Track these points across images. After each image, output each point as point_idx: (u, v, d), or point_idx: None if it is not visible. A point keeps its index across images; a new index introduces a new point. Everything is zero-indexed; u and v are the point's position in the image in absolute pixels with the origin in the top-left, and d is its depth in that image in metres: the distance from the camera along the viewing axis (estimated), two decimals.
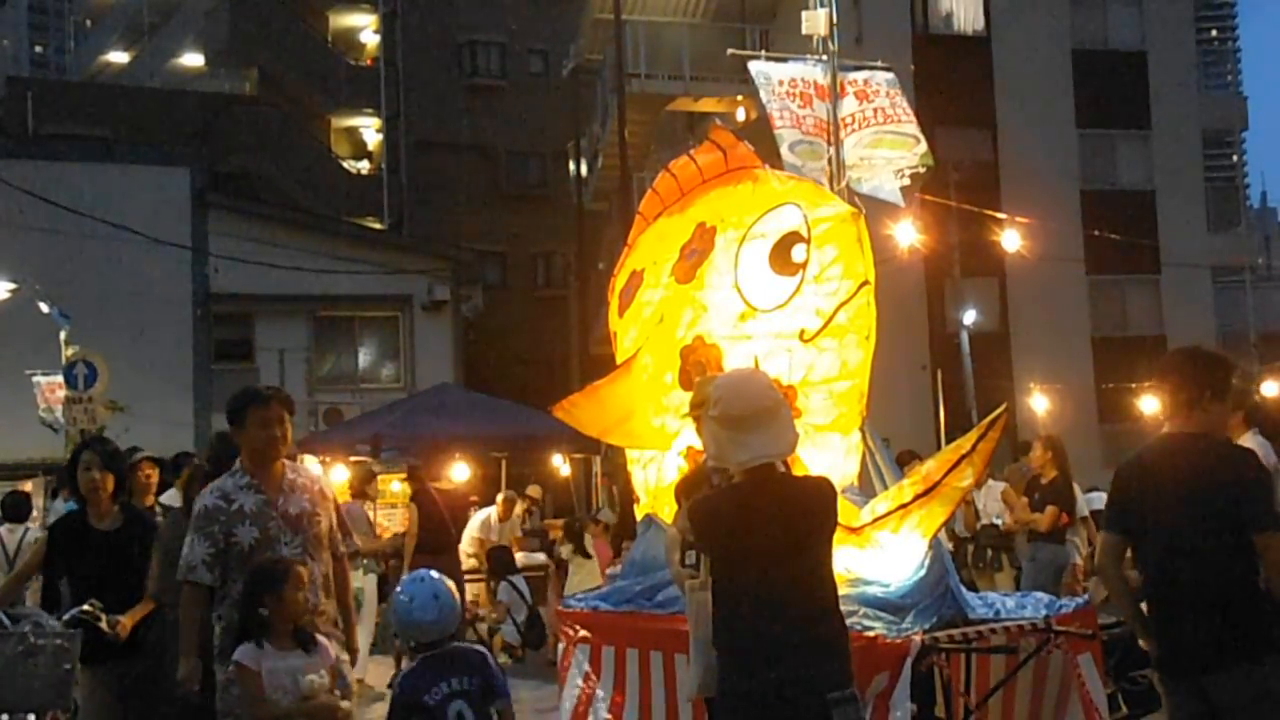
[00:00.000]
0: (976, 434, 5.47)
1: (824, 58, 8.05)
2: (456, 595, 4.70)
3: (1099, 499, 15.11)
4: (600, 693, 6.00)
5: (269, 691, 4.75)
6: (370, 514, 14.14)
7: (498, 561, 12.89)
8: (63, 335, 18.37)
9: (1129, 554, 4.57)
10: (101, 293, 21.99)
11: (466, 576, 12.58)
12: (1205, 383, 4.41)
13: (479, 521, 13.82)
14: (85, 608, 5.63)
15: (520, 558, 14.00)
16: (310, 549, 5.24)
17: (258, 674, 4.74)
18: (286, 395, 5.52)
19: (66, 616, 5.67)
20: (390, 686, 11.02)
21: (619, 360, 6.56)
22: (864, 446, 5.85)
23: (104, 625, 5.62)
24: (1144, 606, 4.52)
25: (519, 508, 15.49)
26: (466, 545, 13.27)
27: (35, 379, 19.53)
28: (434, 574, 4.77)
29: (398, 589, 4.77)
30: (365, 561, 10.80)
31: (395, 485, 18.12)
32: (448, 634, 4.60)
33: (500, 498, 14.37)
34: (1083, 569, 11.09)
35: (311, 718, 4.84)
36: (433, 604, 4.59)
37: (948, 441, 11.35)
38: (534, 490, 16.13)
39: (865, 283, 5.74)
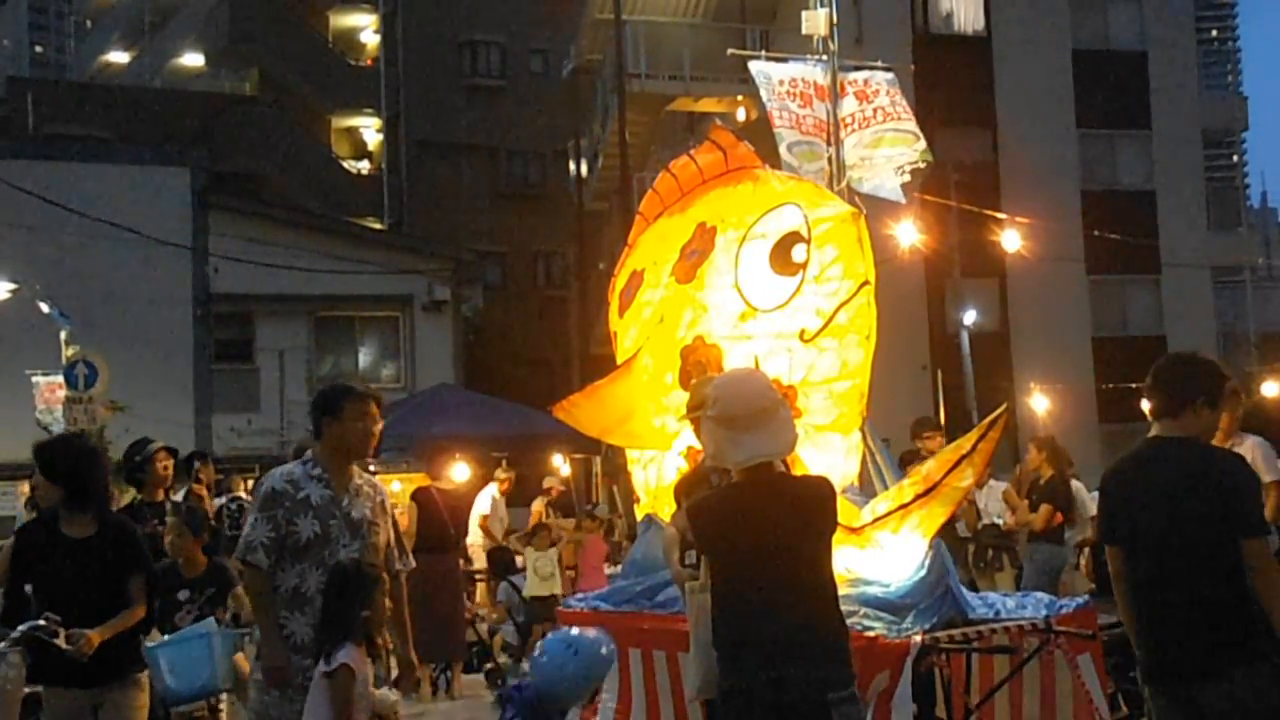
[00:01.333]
0: (976, 434, 5.48)
1: (824, 58, 8.05)
2: (602, 671, 4.52)
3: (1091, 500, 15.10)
4: (605, 694, 6.00)
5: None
6: None
7: (498, 562, 12.88)
8: (63, 335, 18.36)
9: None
10: (101, 293, 22.00)
11: (479, 576, 12.59)
12: (1200, 388, 4.37)
13: (488, 500, 13.79)
14: (40, 622, 4.93)
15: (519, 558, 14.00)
16: (368, 558, 5.10)
17: (355, 680, 4.62)
18: (379, 394, 5.40)
19: (16, 633, 4.99)
20: (385, 688, 11.08)
21: (619, 360, 6.56)
22: (864, 446, 5.85)
23: (60, 642, 4.90)
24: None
25: (538, 504, 15.43)
26: (473, 533, 13.24)
27: (35, 379, 19.52)
28: (578, 633, 4.65)
29: (539, 648, 4.63)
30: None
31: (396, 485, 18.13)
32: (565, 707, 4.49)
33: (501, 474, 14.37)
34: (1086, 568, 11.09)
35: None
36: (557, 670, 4.47)
37: (948, 442, 11.35)
38: (551, 482, 15.97)
39: (865, 283, 5.75)
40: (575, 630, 4.82)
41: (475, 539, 13.21)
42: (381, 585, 4.84)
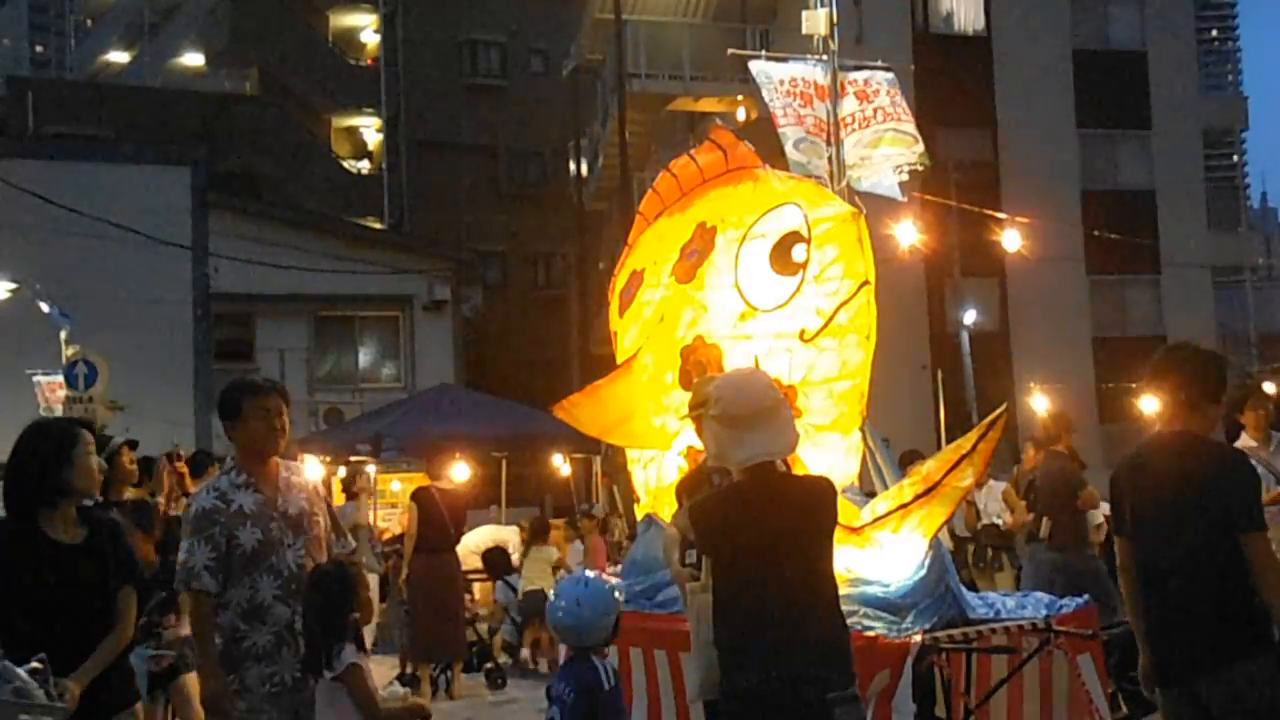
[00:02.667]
0: (976, 434, 5.48)
1: (824, 58, 8.04)
2: (611, 609, 4.56)
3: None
4: None
5: None
6: (370, 514, 14.15)
7: (494, 563, 12.90)
8: (63, 335, 18.36)
9: None
10: (101, 293, 21.98)
11: (471, 577, 12.59)
12: (1202, 383, 4.37)
13: (513, 540, 13.76)
14: (36, 665, 3.94)
15: None
16: (312, 551, 4.97)
17: (365, 676, 4.64)
18: (283, 386, 5.24)
19: (11, 685, 3.92)
20: (390, 685, 11.10)
21: (619, 360, 6.56)
22: (864, 446, 5.85)
23: (46, 693, 3.99)
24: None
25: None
26: (476, 540, 13.23)
27: (35, 379, 19.51)
28: (593, 575, 4.70)
29: (555, 589, 4.71)
30: (365, 560, 10.78)
31: (395, 485, 18.14)
32: (590, 644, 4.51)
33: (524, 523, 14.43)
34: None
35: (415, 714, 4.86)
36: (573, 609, 4.54)
37: (948, 441, 11.34)
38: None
39: (865, 282, 5.75)
40: (579, 576, 4.96)
41: (473, 543, 13.19)
42: (364, 583, 4.83)
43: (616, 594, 4.65)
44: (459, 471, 12.85)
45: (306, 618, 4.76)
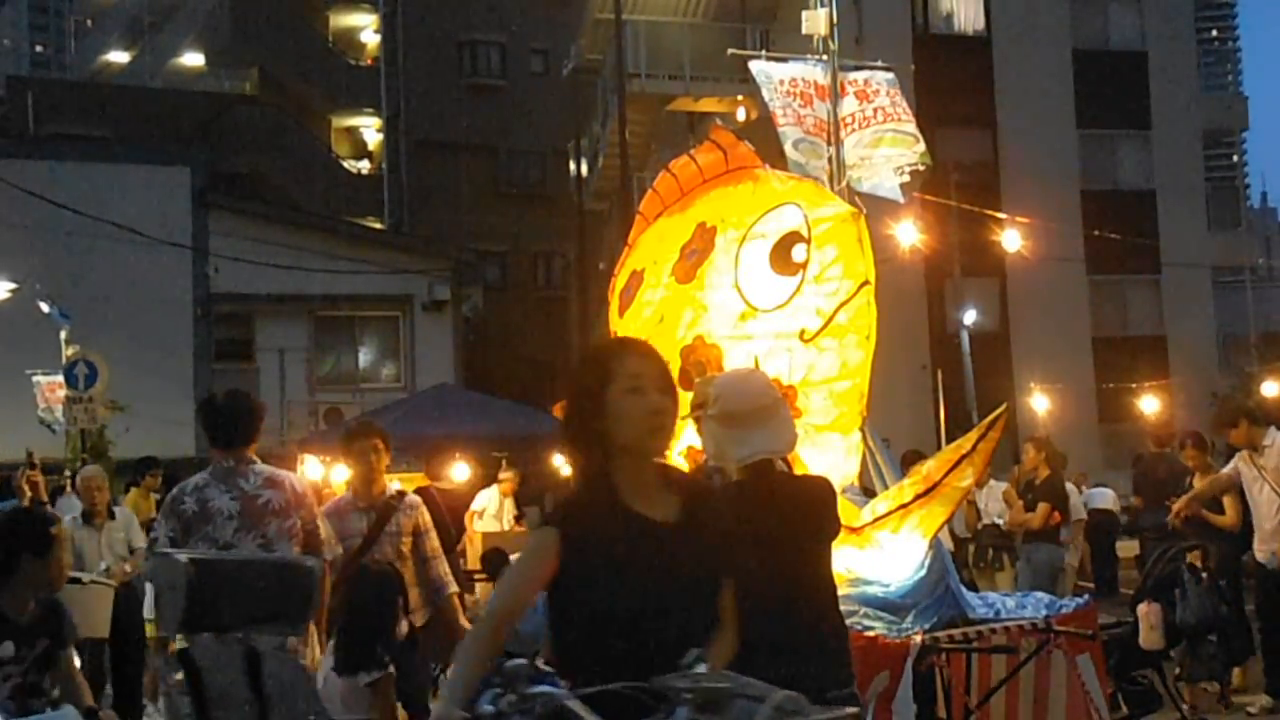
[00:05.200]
0: (976, 434, 5.48)
1: (824, 58, 8.04)
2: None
3: (1099, 495, 15.18)
4: None
5: None
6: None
7: (492, 563, 12.88)
8: (63, 335, 18.36)
9: None
10: (101, 293, 22.00)
11: (472, 577, 12.58)
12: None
13: (483, 500, 13.74)
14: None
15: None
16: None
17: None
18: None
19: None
20: None
21: None
22: (864, 446, 5.85)
23: None
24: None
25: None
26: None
27: (35, 379, 19.51)
28: None
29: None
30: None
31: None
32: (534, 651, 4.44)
33: (503, 475, 14.32)
34: (1077, 569, 11.14)
35: None
36: (531, 616, 4.45)
37: (948, 441, 11.36)
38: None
39: (865, 283, 5.74)
40: None
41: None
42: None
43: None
44: (459, 471, 12.82)
45: (351, 618, 4.73)
